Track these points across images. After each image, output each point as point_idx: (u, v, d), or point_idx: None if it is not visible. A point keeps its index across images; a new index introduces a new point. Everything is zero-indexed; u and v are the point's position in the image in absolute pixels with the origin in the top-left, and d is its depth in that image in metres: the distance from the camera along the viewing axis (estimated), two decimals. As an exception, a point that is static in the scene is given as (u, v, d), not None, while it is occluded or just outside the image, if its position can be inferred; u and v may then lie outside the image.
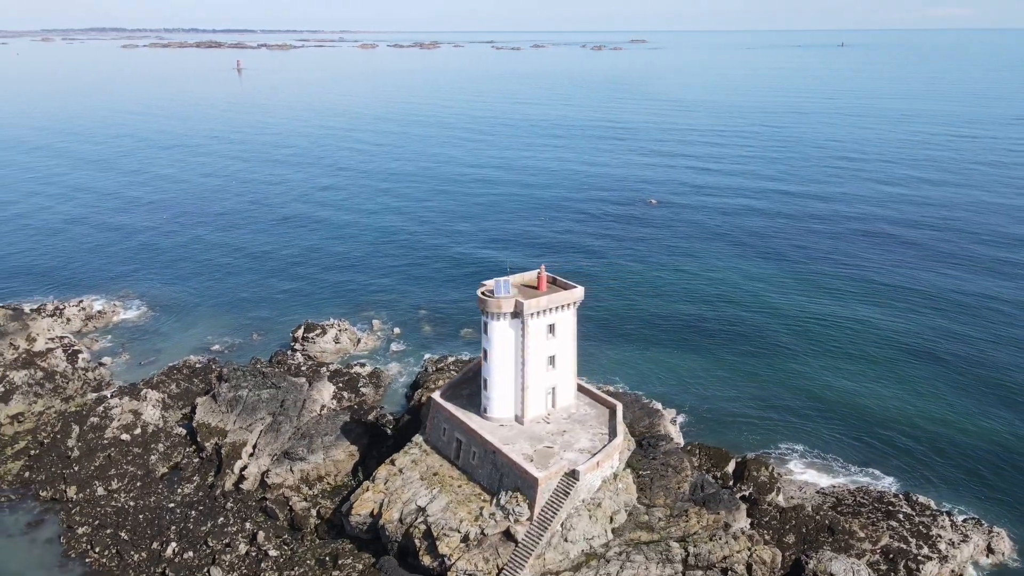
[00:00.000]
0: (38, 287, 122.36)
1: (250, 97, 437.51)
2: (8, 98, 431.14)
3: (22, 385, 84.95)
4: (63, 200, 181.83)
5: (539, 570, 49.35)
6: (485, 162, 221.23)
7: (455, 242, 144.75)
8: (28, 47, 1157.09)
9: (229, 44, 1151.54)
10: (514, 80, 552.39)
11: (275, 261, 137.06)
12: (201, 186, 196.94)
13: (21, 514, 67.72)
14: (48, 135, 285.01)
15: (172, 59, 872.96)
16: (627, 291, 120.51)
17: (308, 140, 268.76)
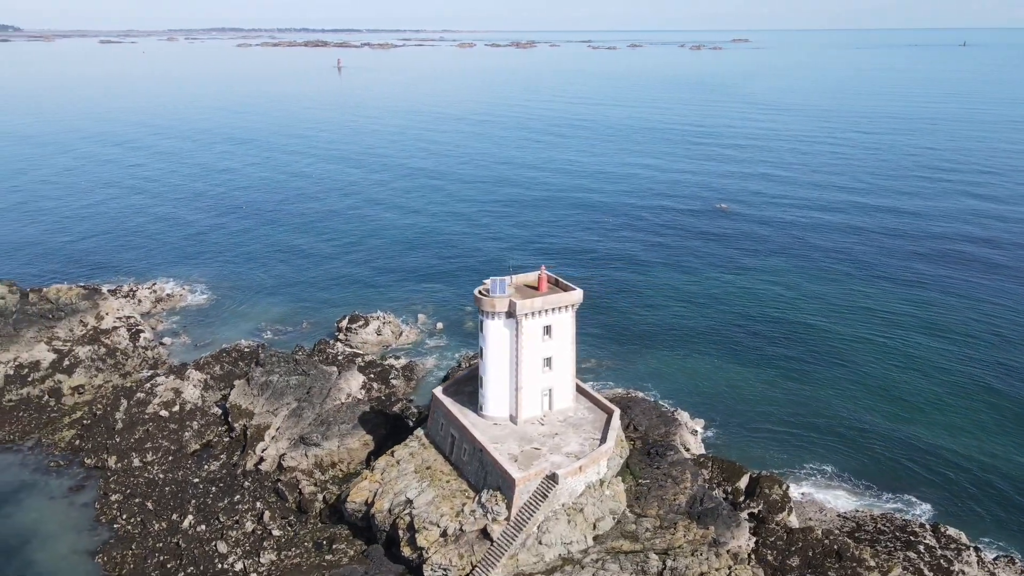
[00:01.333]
0: (120, 270, 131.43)
1: (343, 94, 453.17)
2: (122, 95, 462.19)
3: (85, 360, 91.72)
4: (156, 191, 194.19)
5: (512, 570, 49.44)
6: (555, 165, 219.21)
7: (510, 245, 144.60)
8: (154, 46, 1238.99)
9: (334, 43, 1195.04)
10: (603, 80, 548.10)
11: (336, 254, 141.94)
12: (281, 180, 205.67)
13: (66, 479, 73.26)
14: (152, 130, 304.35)
15: (280, 57, 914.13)
16: (677, 297, 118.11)
17: (384, 138, 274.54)
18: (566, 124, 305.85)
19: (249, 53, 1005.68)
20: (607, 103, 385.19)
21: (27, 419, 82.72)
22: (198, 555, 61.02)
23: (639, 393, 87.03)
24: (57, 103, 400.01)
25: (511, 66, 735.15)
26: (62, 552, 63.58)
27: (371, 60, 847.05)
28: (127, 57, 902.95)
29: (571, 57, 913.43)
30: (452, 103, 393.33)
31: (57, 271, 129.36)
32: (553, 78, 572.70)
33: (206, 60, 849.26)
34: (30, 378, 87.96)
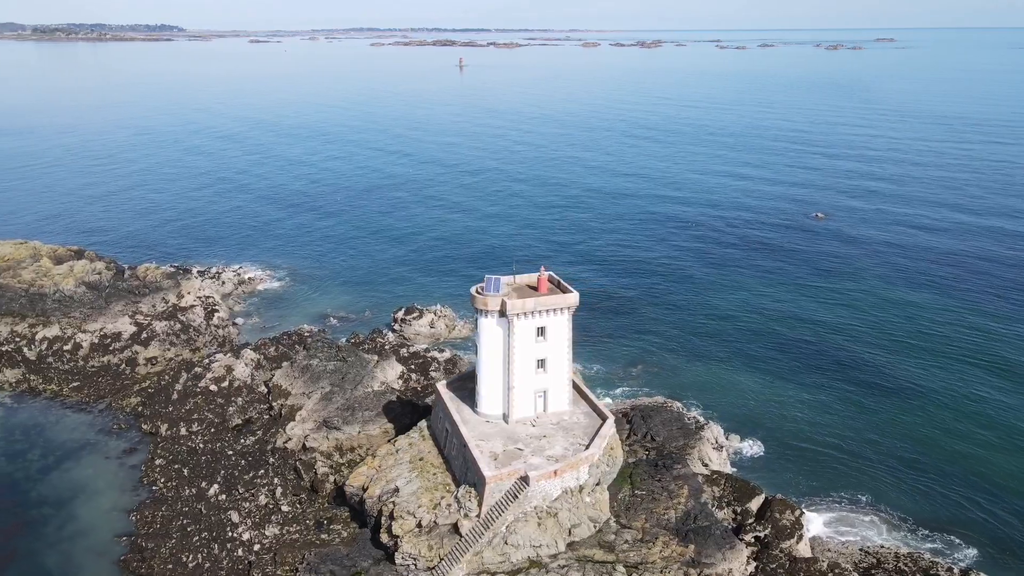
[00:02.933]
0: (213, 253, 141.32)
1: (455, 92, 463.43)
2: (253, 91, 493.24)
3: (161, 334, 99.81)
4: (260, 183, 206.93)
5: (476, 567, 49.83)
6: (644, 170, 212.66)
7: (578, 254, 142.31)
8: (296, 45, 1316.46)
9: (461, 42, 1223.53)
10: (723, 81, 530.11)
11: (412, 248, 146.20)
12: (376, 177, 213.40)
13: (123, 441, 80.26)
14: (269, 126, 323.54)
15: (408, 56, 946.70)
16: (745, 308, 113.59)
17: (481, 139, 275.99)
18: (668, 127, 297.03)
19: (381, 52, 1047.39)
20: (719, 105, 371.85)
21: (104, 384, 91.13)
22: (214, 521, 65.36)
23: (675, 403, 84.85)
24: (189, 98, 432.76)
25: (630, 66, 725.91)
26: (104, 507, 69.82)
27: (493, 59, 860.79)
28: (269, 55, 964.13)
29: (696, 57, 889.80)
30: (557, 102, 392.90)
31: (155, 252, 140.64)
32: (668, 78, 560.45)
33: (338, 58, 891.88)
34: (112, 347, 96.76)
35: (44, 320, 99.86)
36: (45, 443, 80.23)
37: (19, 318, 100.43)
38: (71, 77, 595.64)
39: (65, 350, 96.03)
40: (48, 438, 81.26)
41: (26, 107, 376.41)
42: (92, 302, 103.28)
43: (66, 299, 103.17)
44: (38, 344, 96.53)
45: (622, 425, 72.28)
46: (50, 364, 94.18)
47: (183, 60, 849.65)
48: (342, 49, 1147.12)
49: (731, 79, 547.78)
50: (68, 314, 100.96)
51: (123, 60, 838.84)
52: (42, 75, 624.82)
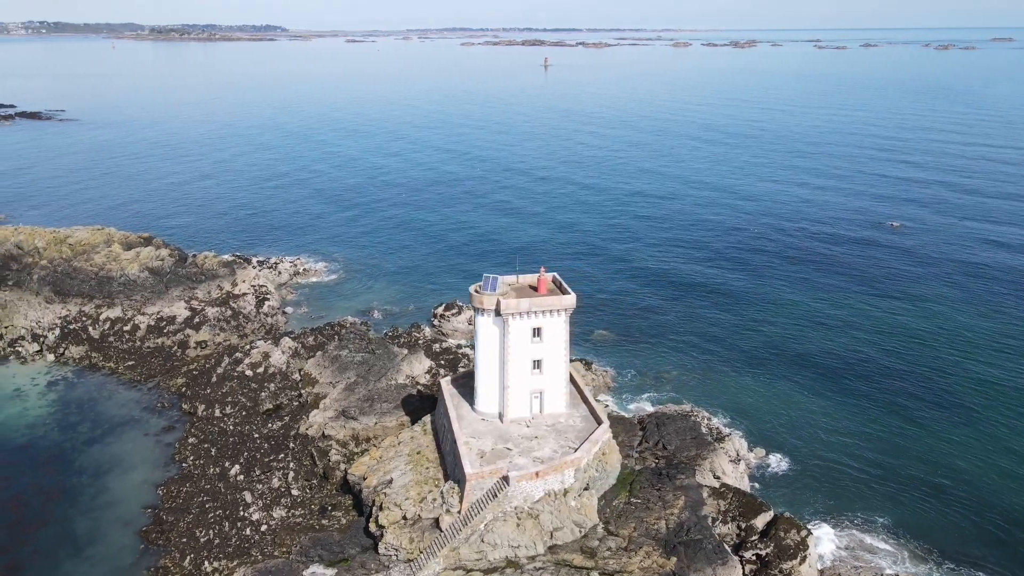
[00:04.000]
0: (275, 244, 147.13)
1: (539, 92, 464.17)
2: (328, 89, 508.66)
3: (212, 319, 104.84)
4: (327, 176, 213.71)
5: (452, 562, 50.18)
6: (703, 177, 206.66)
7: (620, 257, 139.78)
8: (390, 44, 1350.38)
9: (550, 42, 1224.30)
10: (813, 83, 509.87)
11: (466, 245, 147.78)
12: (443, 172, 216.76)
13: (163, 419, 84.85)
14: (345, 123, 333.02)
15: (496, 55, 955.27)
16: (798, 317, 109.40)
17: (552, 139, 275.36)
18: (745, 132, 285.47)
19: (469, 51, 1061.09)
20: (804, 109, 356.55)
21: (155, 364, 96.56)
22: (229, 500, 68.31)
23: (701, 412, 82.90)
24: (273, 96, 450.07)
25: (718, 67, 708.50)
26: (135, 480, 74.07)
27: (580, 58, 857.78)
28: (362, 54, 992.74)
29: (791, 58, 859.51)
30: (633, 104, 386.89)
31: (220, 241, 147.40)
32: (755, 80, 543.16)
33: (426, 57, 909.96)
34: (166, 330, 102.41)
35: (109, 302, 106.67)
36: (95, 417, 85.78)
37: (87, 299, 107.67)
38: (172, 74, 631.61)
39: (125, 330, 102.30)
40: (98, 412, 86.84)
41: (125, 101, 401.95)
42: (153, 287, 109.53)
43: (130, 283, 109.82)
44: (102, 324, 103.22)
45: (635, 432, 71.05)
46: (111, 343, 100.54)
47: (279, 59, 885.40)
48: (432, 48, 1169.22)
49: (824, 81, 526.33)
50: (131, 297, 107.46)
51: (222, 59, 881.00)
52: (147, 72, 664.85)
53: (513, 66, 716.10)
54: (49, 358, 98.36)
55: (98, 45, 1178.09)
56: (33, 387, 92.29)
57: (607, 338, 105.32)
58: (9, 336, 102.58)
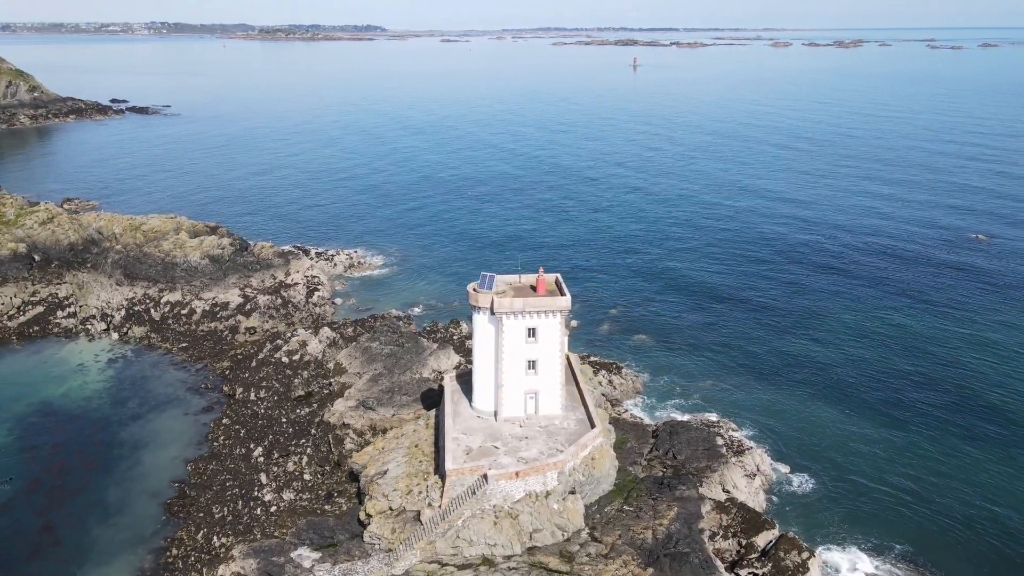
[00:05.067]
0: (335, 236, 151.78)
1: (623, 93, 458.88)
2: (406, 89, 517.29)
3: (263, 306, 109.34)
4: (395, 172, 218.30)
5: (429, 555, 50.61)
6: (771, 186, 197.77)
7: (667, 262, 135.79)
8: (483, 44, 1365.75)
9: (643, 42, 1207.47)
10: (918, 86, 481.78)
11: (520, 245, 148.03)
12: (510, 172, 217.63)
13: (204, 399, 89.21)
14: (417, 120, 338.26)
15: (586, 55, 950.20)
16: (851, 333, 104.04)
17: (622, 142, 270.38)
18: (826, 138, 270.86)
19: (560, 51, 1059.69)
20: (899, 114, 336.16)
21: (206, 347, 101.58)
22: (246, 480, 71.22)
23: (728, 423, 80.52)
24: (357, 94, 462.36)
25: (817, 67, 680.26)
26: (169, 456, 78.27)
27: (672, 58, 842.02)
28: (454, 54, 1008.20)
29: (899, 58, 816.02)
30: (715, 106, 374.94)
31: (283, 232, 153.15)
32: (852, 82, 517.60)
33: (517, 57, 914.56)
34: (219, 315, 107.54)
35: (171, 286, 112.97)
36: (144, 394, 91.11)
37: (153, 283, 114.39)
38: (271, 73, 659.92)
39: (182, 314, 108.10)
40: (148, 390, 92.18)
41: (224, 98, 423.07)
42: (212, 273, 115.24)
43: (192, 269, 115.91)
44: (162, 307, 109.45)
45: (646, 439, 69.52)
46: (169, 325, 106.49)
47: (373, 58, 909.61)
48: (524, 48, 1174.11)
49: (932, 84, 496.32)
50: (191, 282, 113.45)
51: (319, 58, 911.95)
52: (250, 71, 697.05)
53: (601, 66, 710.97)
54: (113, 337, 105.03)
55: (211, 45, 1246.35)
56: (95, 363, 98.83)
57: (646, 343, 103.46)
58: (82, 315, 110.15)
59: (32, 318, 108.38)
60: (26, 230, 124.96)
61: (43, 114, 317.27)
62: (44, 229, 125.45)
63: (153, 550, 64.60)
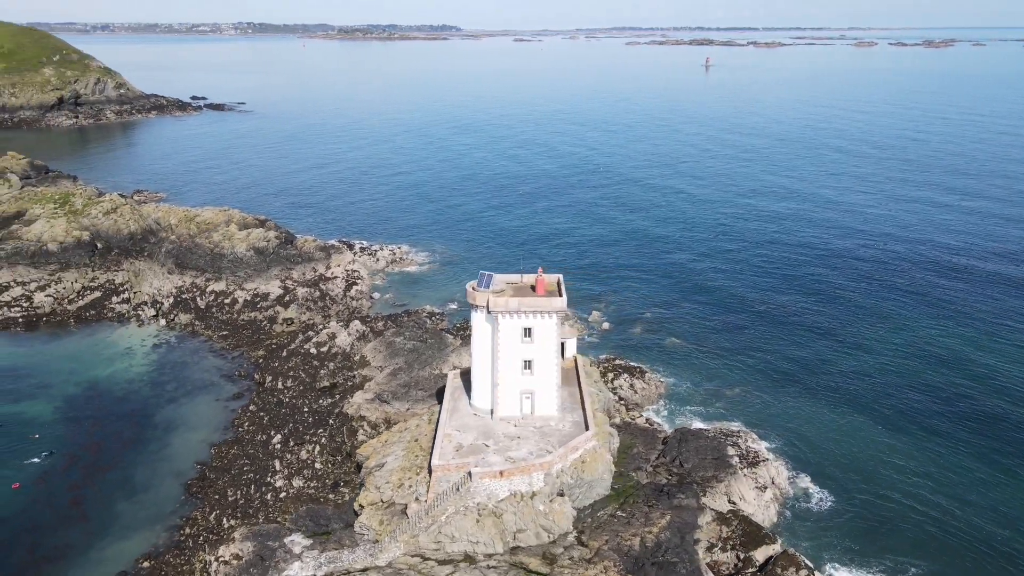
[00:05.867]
0: (382, 230, 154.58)
1: (690, 94, 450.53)
2: (463, 90, 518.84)
3: (301, 298, 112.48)
4: (447, 170, 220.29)
5: (412, 548, 51.17)
6: (827, 196, 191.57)
7: (711, 272, 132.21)
8: (556, 44, 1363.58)
9: (720, 42, 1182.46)
10: (1004, 89, 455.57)
11: (568, 246, 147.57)
12: (559, 172, 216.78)
13: (236, 386, 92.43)
14: (470, 118, 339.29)
15: (659, 55, 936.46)
16: (898, 349, 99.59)
17: (675, 145, 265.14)
18: (897, 143, 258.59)
19: (633, 51, 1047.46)
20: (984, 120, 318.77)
21: (245, 335, 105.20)
22: (261, 466, 73.50)
23: (751, 433, 78.30)
24: (418, 93, 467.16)
25: (902, 68, 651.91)
26: (196, 438, 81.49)
27: (748, 59, 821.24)
28: (525, 53, 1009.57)
29: (993, 59, 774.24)
30: (780, 108, 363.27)
31: (330, 226, 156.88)
32: (935, 83, 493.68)
33: (588, 57, 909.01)
34: (259, 305, 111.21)
35: (216, 276, 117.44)
36: (181, 378, 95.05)
37: (201, 272, 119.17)
38: (344, 72, 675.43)
39: (225, 303, 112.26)
40: (185, 375, 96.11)
41: (296, 96, 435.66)
42: (256, 265, 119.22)
43: (237, 260, 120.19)
44: (207, 296, 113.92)
45: (655, 446, 68.37)
46: (212, 313, 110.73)
47: (445, 57, 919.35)
48: (597, 48, 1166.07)
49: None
50: (235, 273, 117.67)
51: (392, 58, 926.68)
52: (325, 69, 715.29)
53: (672, 66, 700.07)
54: (161, 323, 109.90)
55: (290, 44, 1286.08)
56: (141, 347, 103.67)
57: (677, 347, 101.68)
58: (135, 300, 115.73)
59: (89, 303, 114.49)
60: (91, 219, 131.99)
61: (127, 110, 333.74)
62: (107, 219, 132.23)
63: (168, 527, 67.47)
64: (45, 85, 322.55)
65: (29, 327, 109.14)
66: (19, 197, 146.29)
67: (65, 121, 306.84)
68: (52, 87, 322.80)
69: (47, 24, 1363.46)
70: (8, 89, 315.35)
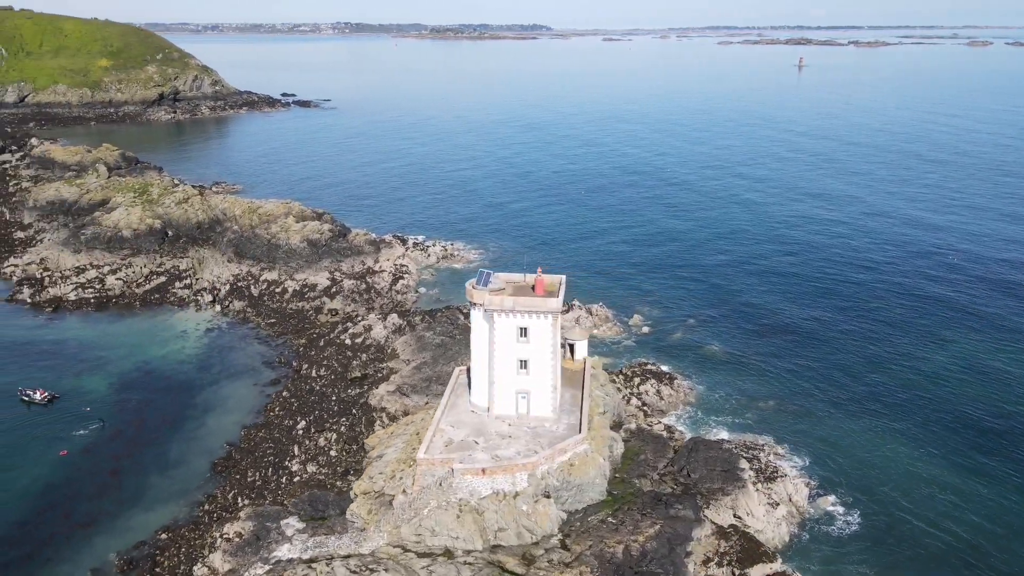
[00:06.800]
0: (438, 227, 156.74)
1: (778, 96, 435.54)
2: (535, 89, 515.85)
3: (347, 290, 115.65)
4: (509, 168, 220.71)
5: (394, 539, 51.93)
6: (895, 207, 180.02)
7: (761, 279, 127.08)
8: (646, 43, 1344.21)
9: (818, 41, 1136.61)
10: None
11: (615, 246, 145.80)
12: (628, 172, 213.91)
13: (275, 373, 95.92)
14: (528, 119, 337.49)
15: (752, 55, 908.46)
16: (956, 369, 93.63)
17: (746, 151, 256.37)
18: (989, 152, 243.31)
19: (725, 50, 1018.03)
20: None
21: (291, 324, 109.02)
22: (282, 449, 76.14)
23: (777, 448, 75.65)
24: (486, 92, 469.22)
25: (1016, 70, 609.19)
26: (230, 420, 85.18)
27: (847, 59, 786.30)
28: (613, 53, 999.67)
29: None
30: (862, 112, 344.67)
31: (389, 219, 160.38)
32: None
33: (674, 56, 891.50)
34: (307, 295, 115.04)
35: (270, 266, 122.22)
36: (227, 363, 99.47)
37: (256, 262, 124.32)
38: (430, 71, 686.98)
39: (276, 292, 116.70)
40: (231, 359, 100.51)
41: (379, 94, 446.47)
42: (308, 256, 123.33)
43: (291, 251, 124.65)
44: (260, 284, 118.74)
45: (664, 454, 66.81)
46: (263, 301, 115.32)
47: (531, 56, 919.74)
48: (685, 48, 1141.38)
49: None
50: (288, 263, 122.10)
51: (478, 57, 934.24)
52: (413, 68, 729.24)
53: (763, 67, 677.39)
54: (216, 309, 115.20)
55: (384, 43, 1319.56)
56: (195, 331, 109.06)
57: (716, 355, 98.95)
58: (196, 287, 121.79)
59: (155, 287, 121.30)
60: (164, 208, 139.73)
61: (220, 105, 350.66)
62: (179, 208, 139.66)
63: (190, 503, 70.87)
64: (148, 82, 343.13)
65: (100, 307, 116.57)
66: (105, 186, 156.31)
67: (164, 116, 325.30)
68: (154, 84, 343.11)
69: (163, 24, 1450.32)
70: (115, 85, 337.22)
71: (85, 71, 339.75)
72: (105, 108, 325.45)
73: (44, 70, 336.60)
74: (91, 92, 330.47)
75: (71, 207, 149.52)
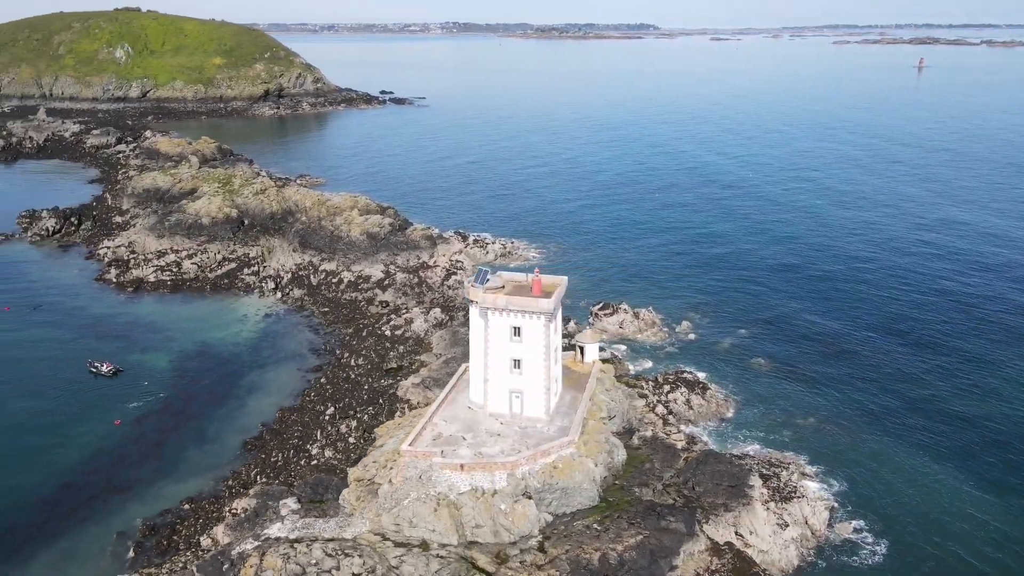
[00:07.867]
0: (502, 224, 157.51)
1: (890, 99, 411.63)
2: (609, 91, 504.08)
3: (399, 283, 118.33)
4: (580, 168, 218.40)
5: (375, 527, 52.84)
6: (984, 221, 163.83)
7: (823, 291, 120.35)
8: (757, 42, 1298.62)
9: (945, 41, 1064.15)
10: None
11: (677, 249, 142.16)
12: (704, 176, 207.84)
13: (319, 359, 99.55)
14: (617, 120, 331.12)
15: (870, 54, 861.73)
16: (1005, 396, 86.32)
17: (847, 158, 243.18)
18: None
19: (840, 51, 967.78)
20: None
21: (343, 314, 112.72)
22: (307, 433, 78.91)
23: (810, 468, 72.47)
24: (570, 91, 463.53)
25: None
26: (268, 402, 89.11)
27: (977, 60, 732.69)
28: (720, 52, 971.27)
29: None
30: (980, 118, 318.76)
31: (454, 215, 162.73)
32: None
33: (784, 57, 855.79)
34: (360, 286, 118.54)
35: (330, 257, 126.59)
36: (277, 347, 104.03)
37: (318, 252, 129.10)
38: (526, 70, 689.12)
39: (332, 282, 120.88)
40: (281, 344, 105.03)
41: (472, 92, 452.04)
42: (366, 249, 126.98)
43: (351, 243, 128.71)
44: (319, 274, 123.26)
45: (672, 464, 64.88)
46: (320, 290, 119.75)
47: (631, 56, 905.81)
48: (798, 48, 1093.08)
49: None
50: (347, 255, 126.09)
51: (579, 57, 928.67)
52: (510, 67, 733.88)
53: (879, 68, 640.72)
54: (277, 296, 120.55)
55: (489, 42, 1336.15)
56: (255, 316, 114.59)
57: (761, 368, 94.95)
58: (263, 274, 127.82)
59: (225, 273, 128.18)
60: (243, 198, 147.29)
61: (321, 102, 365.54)
62: (255, 199, 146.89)
63: (216, 477, 74.72)
64: (255, 79, 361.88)
65: (174, 289, 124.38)
66: (196, 176, 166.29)
67: (268, 111, 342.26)
68: (261, 81, 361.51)
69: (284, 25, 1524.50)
70: (226, 82, 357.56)
71: (200, 68, 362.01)
72: (216, 103, 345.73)
73: (165, 67, 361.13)
74: (204, 88, 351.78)
75: (164, 195, 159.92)
